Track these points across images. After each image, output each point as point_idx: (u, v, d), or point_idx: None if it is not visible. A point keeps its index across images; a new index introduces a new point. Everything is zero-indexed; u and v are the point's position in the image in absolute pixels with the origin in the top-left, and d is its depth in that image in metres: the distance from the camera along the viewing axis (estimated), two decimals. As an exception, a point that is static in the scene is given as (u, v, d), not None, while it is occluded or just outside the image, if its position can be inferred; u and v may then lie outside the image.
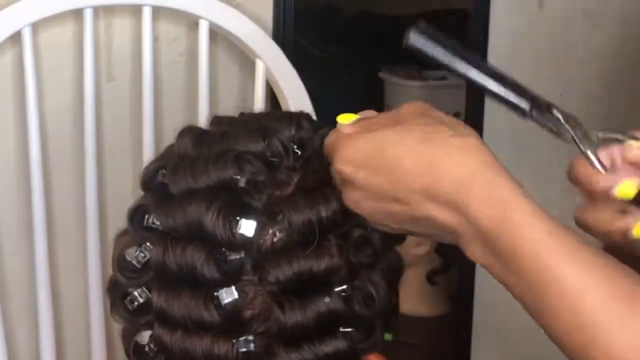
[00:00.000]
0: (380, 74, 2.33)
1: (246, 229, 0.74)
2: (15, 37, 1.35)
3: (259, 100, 1.48)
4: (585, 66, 1.80)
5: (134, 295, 0.77)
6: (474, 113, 1.78)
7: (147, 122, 1.42)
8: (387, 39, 1.80)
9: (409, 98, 1.74)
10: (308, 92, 1.49)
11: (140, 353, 0.78)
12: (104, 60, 1.46)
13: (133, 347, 0.79)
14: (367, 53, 1.76)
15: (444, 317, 1.95)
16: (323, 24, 1.71)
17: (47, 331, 1.41)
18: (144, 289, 0.77)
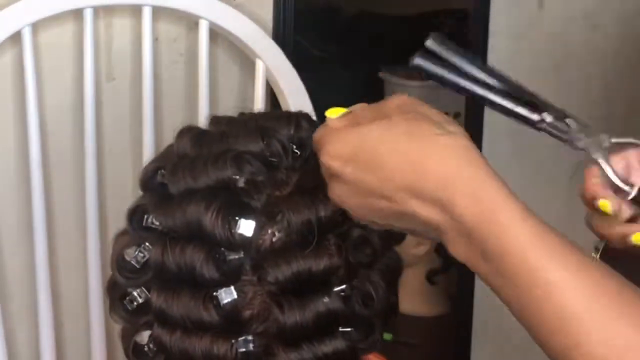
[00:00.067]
0: (380, 74, 2.33)
1: (245, 229, 0.74)
2: (15, 37, 1.35)
3: (259, 100, 1.48)
4: (585, 66, 1.80)
5: (133, 296, 0.77)
6: (474, 113, 1.78)
7: (147, 122, 1.42)
8: (387, 39, 1.80)
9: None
10: (308, 92, 1.49)
11: (140, 353, 0.78)
12: (104, 60, 1.46)
13: (132, 347, 0.79)
14: (367, 53, 1.76)
15: (444, 317, 1.94)
16: (323, 24, 1.71)
17: (47, 331, 1.41)
18: (143, 289, 0.77)
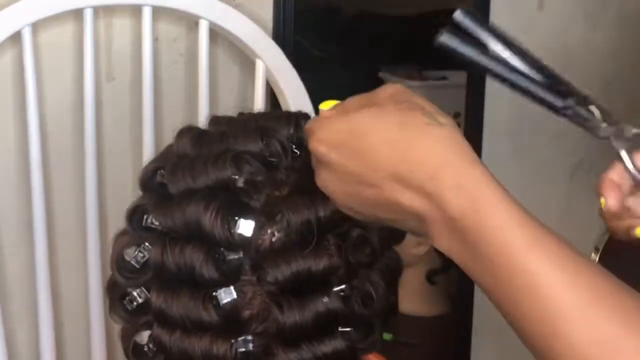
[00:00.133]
0: (380, 74, 2.33)
1: (244, 229, 0.74)
2: (15, 37, 1.35)
3: (259, 100, 1.48)
4: (585, 66, 1.80)
5: (132, 296, 0.77)
6: (474, 113, 1.78)
7: (147, 122, 1.42)
8: (387, 39, 1.80)
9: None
10: (308, 92, 1.49)
11: (139, 353, 0.78)
12: (104, 60, 1.46)
13: (132, 347, 0.79)
14: (367, 53, 1.76)
15: (444, 317, 1.94)
16: (323, 24, 1.71)
17: (47, 331, 1.41)
18: (142, 289, 0.77)
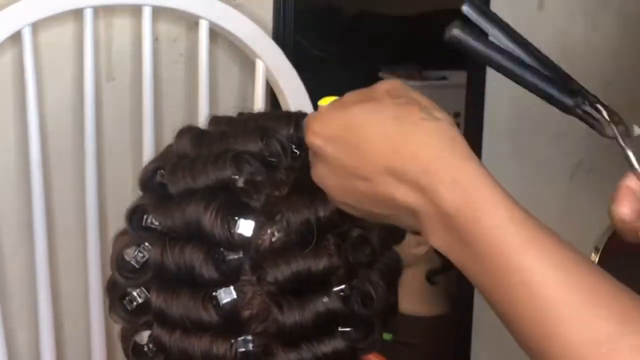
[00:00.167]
0: (380, 74, 2.32)
1: (244, 229, 0.74)
2: (15, 37, 1.35)
3: (259, 100, 1.48)
4: (585, 66, 1.80)
5: (132, 296, 0.77)
6: (474, 113, 1.78)
7: (147, 122, 1.42)
8: (387, 39, 1.79)
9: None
10: (308, 92, 1.49)
11: (139, 353, 0.78)
12: (104, 60, 1.46)
13: (132, 347, 0.79)
14: (367, 53, 1.76)
15: (444, 317, 1.94)
16: (323, 24, 1.70)
17: (47, 331, 1.41)
18: (142, 289, 0.77)
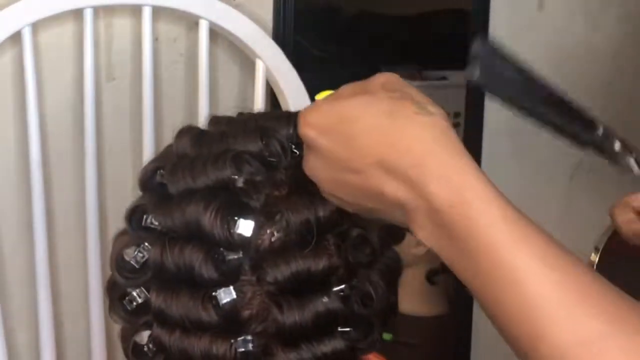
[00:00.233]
0: (381, 74, 2.33)
1: (244, 229, 0.73)
2: (15, 37, 1.35)
3: (259, 100, 1.48)
4: (585, 66, 1.80)
5: (132, 296, 0.77)
6: (474, 113, 1.78)
7: (147, 122, 1.42)
8: (387, 39, 1.79)
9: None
10: (308, 92, 1.49)
11: (139, 353, 0.78)
12: (104, 60, 1.46)
13: (132, 347, 0.79)
14: (367, 53, 1.76)
15: (444, 317, 1.94)
16: (323, 24, 1.70)
17: (47, 331, 1.41)
18: (142, 289, 0.77)
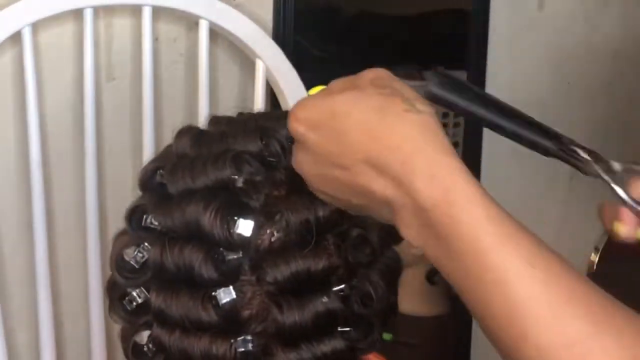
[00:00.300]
0: (381, 74, 2.33)
1: (244, 229, 0.74)
2: (15, 37, 1.35)
3: (259, 100, 1.48)
4: (585, 66, 1.80)
5: (132, 296, 0.77)
6: (474, 113, 1.78)
7: (147, 122, 1.42)
8: (387, 39, 1.79)
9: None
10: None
11: (139, 353, 0.78)
12: (104, 60, 1.46)
13: (132, 347, 0.79)
14: (367, 53, 1.76)
15: (444, 317, 1.94)
16: (323, 24, 1.70)
17: (47, 331, 1.41)
18: (142, 289, 0.77)
